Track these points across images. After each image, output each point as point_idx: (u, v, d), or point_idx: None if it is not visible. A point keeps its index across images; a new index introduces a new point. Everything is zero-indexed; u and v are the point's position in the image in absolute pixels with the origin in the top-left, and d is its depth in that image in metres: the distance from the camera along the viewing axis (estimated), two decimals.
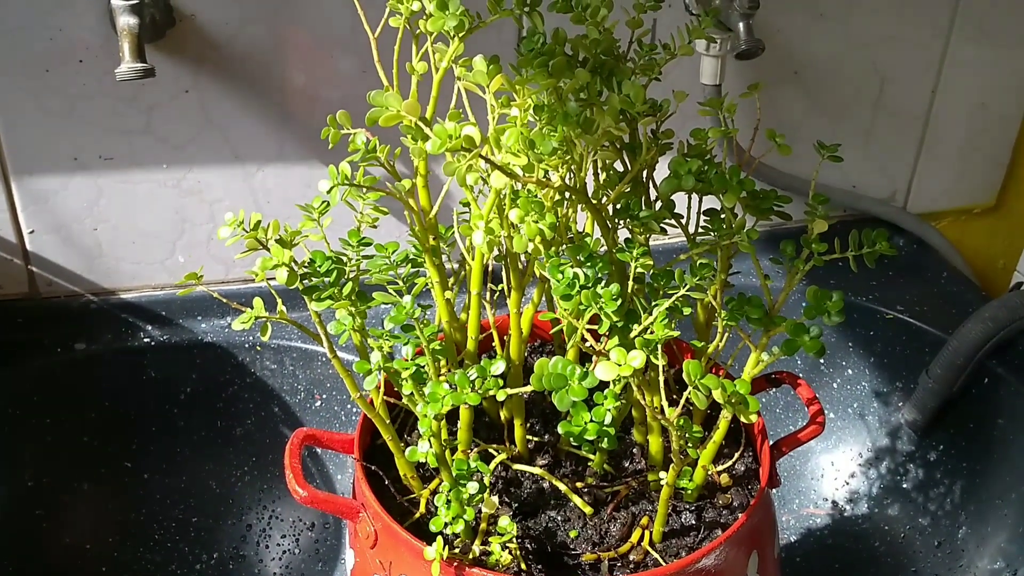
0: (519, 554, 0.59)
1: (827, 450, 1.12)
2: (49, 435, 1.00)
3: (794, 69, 1.07)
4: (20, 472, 0.99)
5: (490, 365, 0.52)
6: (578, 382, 0.47)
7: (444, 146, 0.48)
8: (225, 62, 0.93)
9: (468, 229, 0.56)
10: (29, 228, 0.98)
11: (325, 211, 0.59)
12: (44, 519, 0.99)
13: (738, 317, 0.58)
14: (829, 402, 1.13)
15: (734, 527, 0.59)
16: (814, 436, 0.67)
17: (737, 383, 0.53)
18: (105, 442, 1.03)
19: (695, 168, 0.57)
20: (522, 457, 0.68)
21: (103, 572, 1.00)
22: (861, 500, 1.09)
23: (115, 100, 0.93)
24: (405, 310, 0.53)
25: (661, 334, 0.53)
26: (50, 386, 1.01)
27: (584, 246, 0.57)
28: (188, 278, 0.59)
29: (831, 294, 0.54)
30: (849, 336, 1.12)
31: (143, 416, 1.04)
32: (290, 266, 0.54)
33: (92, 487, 1.02)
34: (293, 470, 0.62)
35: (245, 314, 0.56)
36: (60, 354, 1.01)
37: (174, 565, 1.02)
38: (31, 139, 0.94)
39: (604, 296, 0.52)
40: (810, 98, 1.09)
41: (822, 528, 1.09)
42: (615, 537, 0.62)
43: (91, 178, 0.97)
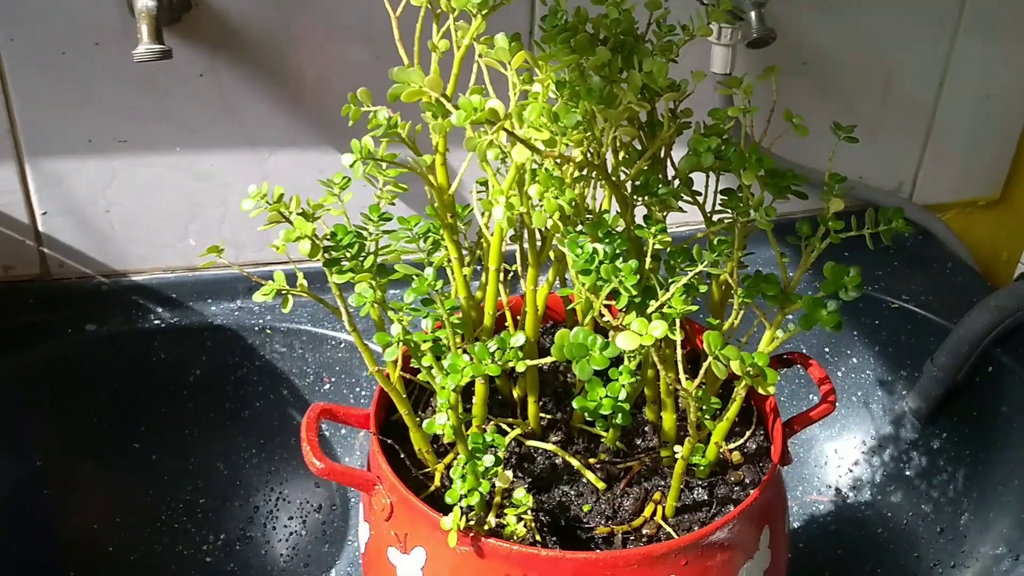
0: (534, 526, 0.59)
1: (831, 437, 1.13)
2: (58, 416, 1.01)
3: (803, 60, 1.08)
4: (29, 452, 0.99)
5: (510, 337, 0.53)
6: (600, 351, 0.48)
7: (469, 118, 0.49)
8: (240, 47, 0.94)
9: (488, 204, 0.56)
10: (42, 210, 0.99)
11: (346, 186, 0.60)
12: (53, 499, 1.00)
13: (754, 294, 0.59)
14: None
15: (747, 501, 0.60)
16: (825, 415, 0.68)
17: (756, 355, 0.54)
18: (114, 424, 1.03)
19: (714, 146, 0.58)
20: (535, 434, 0.68)
21: (110, 552, 1.00)
22: (865, 487, 1.10)
23: (131, 83, 0.94)
24: (427, 282, 0.54)
25: (680, 308, 0.54)
26: (60, 367, 1.01)
27: (603, 222, 0.58)
28: (210, 251, 0.59)
29: (848, 269, 0.55)
30: (854, 325, 1.13)
31: (152, 398, 1.04)
32: (313, 238, 0.55)
33: (101, 468, 1.02)
34: (310, 443, 0.63)
35: (267, 286, 0.57)
36: (70, 336, 1.02)
37: (181, 546, 1.03)
38: (46, 121, 0.94)
39: (624, 270, 0.53)
40: (819, 89, 1.10)
41: (826, 515, 1.09)
42: (628, 511, 0.63)
43: (105, 160, 0.98)
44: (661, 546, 0.57)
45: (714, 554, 0.59)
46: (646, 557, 0.57)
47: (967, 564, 1.01)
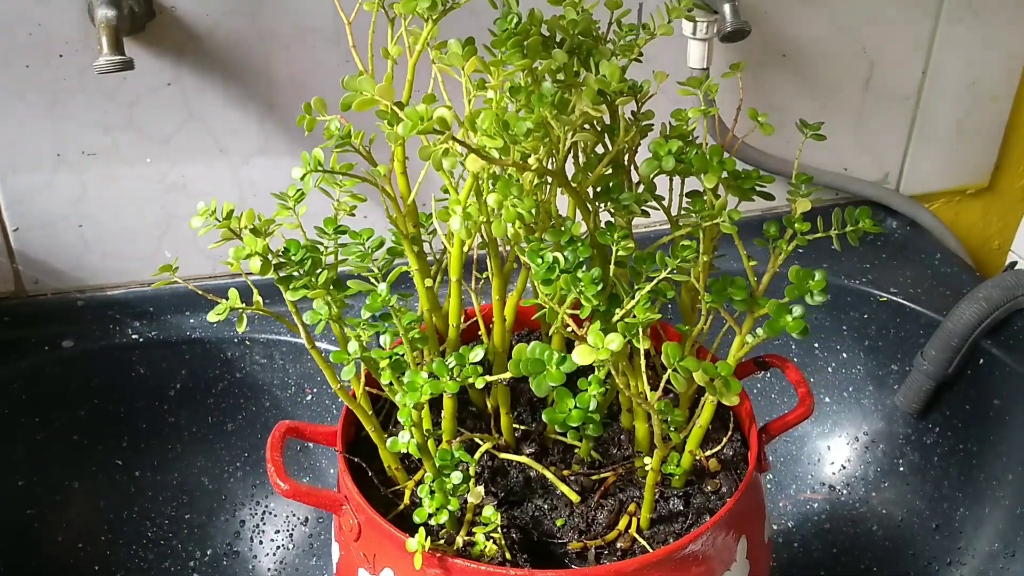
0: (504, 544, 0.58)
1: (823, 435, 1.11)
2: (39, 434, 1.00)
3: (782, 52, 1.06)
4: (11, 472, 0.98)
5: (469, 352, 0.52)
6: (556, 367, 0.46)
7: (415, 128, 0.47)
8: (207, 54, 0.92)
9: (446, 214, 0.55)
10: (13, 226, 0.98)
11: (301, 199, 0.58)
12: (36, 519, 0.99)
13: (722, 299, 0.57)
14: (824, 386, 1.12)
15: (720, 512, 0.58)
16: (803, 419, 0.66)
17: (719, 365, 0.52)
18: (96, 440, 1.02)
19: (675, 149, 0.56)
20: (509, 446, 0.67)
21: (96, 571, 0.99)
22: (858, 484, 1.08)
23: (96, 94, 0.93)
24: (380, 298, 0.52)
25: (643, 317, 0.53)
26: (39, 385, 1.00)
27: (565, 230, 0.56)
28: (162, 270, 0.58)
29: (813, 273, 0.53)
30: (843, 320, 1.11)
31: (133, 413, 1.03)
32: (264, 255, 0.53)
33: (84, 486, 1.01)
34: (275, 463, 0.61)
35: (220, 305, 0.56)
36: (48, 352, 1.00)
37: (168, 562, 1.02)
38: (13, 135, 0.93)
39: (584, 280, 0.52)
40: (799, 80, 1.08)
41: (819, 513, 1.08)
42: (602, 525, 0.62)
43: (75, 174, 0.96)
44: (633, 561, 0.56)
45: (689, 567, 0.57)
46: (618, 574, 0.55)
47: (963, 561, 0.99)
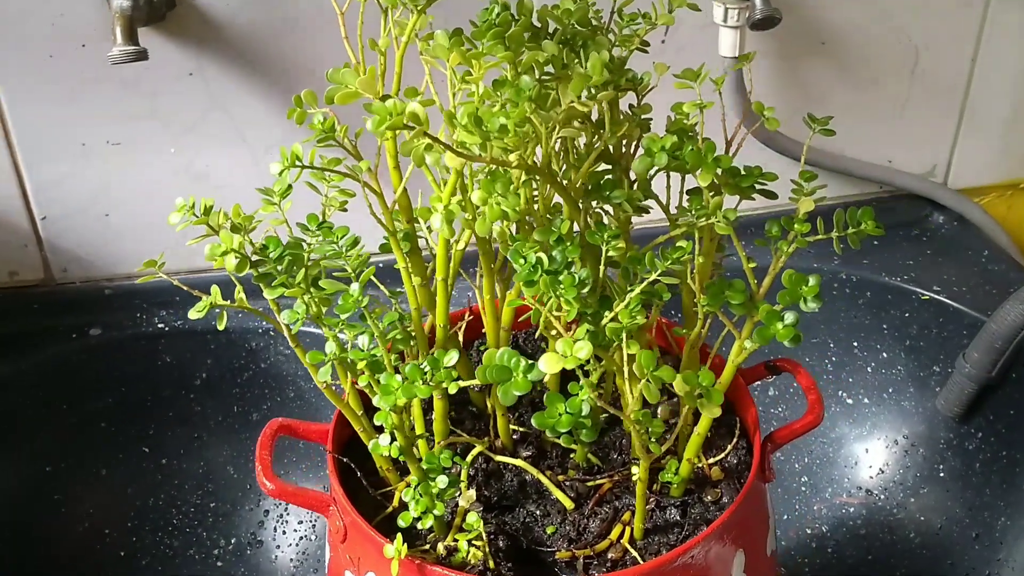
0: (488, 551, 0.56)
1: (861, 437, 1.07)
2: (67, 420, 1.01)
3: (821, 40, 1.02)
4: (39, 457, 1.00)
5: (443, 356, 0.50)
6: (523, 375, 0.44)
7: (384, 123, 0.45)
8: (228, 43, 0.92)
9: (427, 212, 0.53)
10: (41, 215, 0.99)
11: (287, 194, 0.57)
12: (63, 504, 1.00)
13: (717, 303, 0.55)
14: (863, 387, 1.08)
15: (713, 525, 0.56)
16: (811, 427, 0.63)
17: (701, 374, 0.49)
18: (122, 428, 1.03)
19: (669, 145, 0.53)
20: (506, 448, 0.65)
21: (121, 557, 1.00)
22: (896, 489, 1.04)
23: (119, 85, 0.93)
24: (352, 298, 0.51)
25: (626, 322, 0.50)
26: (66, 372, 1.01)
27: (554, 228, 0.54)
28: (147, 265, 0.57)
29: (807, 278, 0.50)
30: (883, 318, 1.07)
31: (159, 402, 1.04)
32: (241, 253, 0.52)
33: (110, 472, 1.02)
34: (262, 462, 0.61)
35: (201, 302, 0.55)
36: (75, 340, 1.02)
37: (192, 550, 1.02)
38: (39, 124, 0.94)
39: (564, 282, 0.49)
40: (839, 69, 1.04)
41: (855, 517, 1.04)
42: (593, 533, 0.60)
43: (100, 164, 0.97)
44: (621, 573, 0.54)
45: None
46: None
47: (1002, 572, 0.95)
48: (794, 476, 1.08)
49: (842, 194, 1.13)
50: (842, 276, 1.08)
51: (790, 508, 1.06)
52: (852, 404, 1.08)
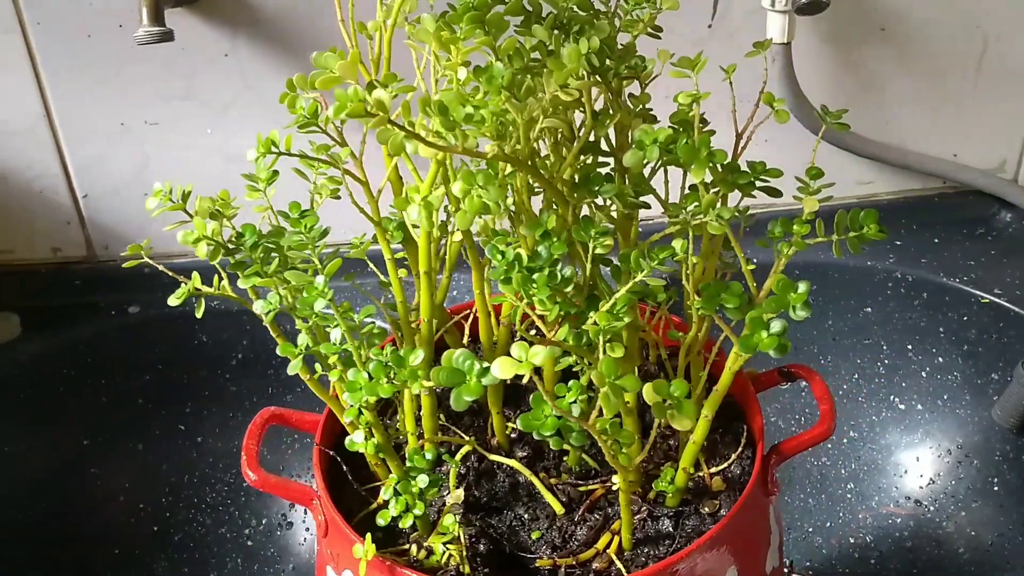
0: (464, 555, 0.54)
1: (912, 445, 1.02)
2: (104, 396, 1.03)
3: (880, 25, 0.97)
4: (77, 431, 1.01)
5: (409, 354, 0.48)
6: (476, 379, 0.42)
7: (343, 110, 0.44)
8: (261, 25, 0.91)
9: (403, 203, 0.51)
10: (83, 193, 1.00)
11: (272, 180, 0.56)
12: (100, 477, 1.02)
13: (712, 306, 0.52)
14: (916, 392, 1.03)
15: (698, 541, 0.53)
16: (821, 439, 0.60)
17: (674, 383, 0.46)
18: (159, 405, 1.04)
19: (664, 138, 0.50)
20: (501, 447, 0.63)
21: (155, 532, 1.02)
22: (947, 501, 0.99)
23: (156, 65, 0.93)
24: (317, 291, 0.49)
25: (604, 324, 0.48)
26: (105, 348, 1.03)
27: (541, 222, 0.52)
28: (132, 250, 0.57)
29: (796, 285, 0.47)
30: (940, 321, 1.02)
31: (196, 380, 1.05)
32: (215, 240, 0.51)
33: (147, 448, 1.03)
34: (247, 452, 0.60)
35: (180, 289, 0.54)
36: (115, 317, 1.03)
37: (224, 528, 1.03)
38: (79, 103, 0.95)
39: (538, 281, 0.47)
40: (900, 57, 0.98)
41: (902, 529, 0.99)
42: (579, 541, 0.57)
43: (138, 143, 0.97)
44: None
45: None
46: None
47: None
48: (840, 483, 1.04)
49: (903, 189, 1.07)
50: (897, 275, 1.03)
51: (834, 516, 1.02)
52: (904, 410, 1.03)
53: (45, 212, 1.01)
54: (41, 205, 1.00)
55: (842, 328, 1.06)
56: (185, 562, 1.00)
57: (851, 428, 1.05)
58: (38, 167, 0.98)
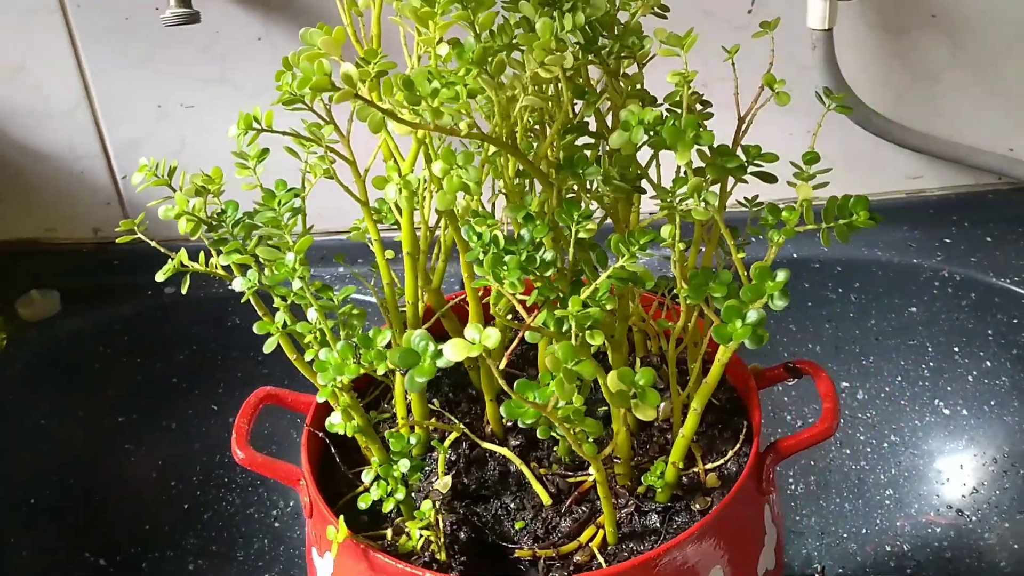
0: (441, 542, 0.53)
1: (956, 451, 0.98)
2: (139, 374, 1.04)
3: (931, 12, 0.92)
4: (111, 408, 1.03)
5: (378, 335, 0.47)
6: (430, 360, 0.41)
7: (307, 84, 0.43)
8: (294, 8, 0.92)
9: (382, 182, 0.50)
10: (122, 174, 1.02)
11: (263, 158, 0.56)
12: (133, 454, 1.03)
13: (700, 295, 0.49)
14: (962, 397, 0.98)
15: (681, 536, 0.51)
16: (822, 438, 0.57)
17: (640, 372, 0.45)
18: (192, 385, 1.05)
19: (651, 119, 0.48)
20: (495, 436, 0.62)
21: (185, 510, 1.03)
22: (990, 511, 0.94)
23: (191, 48, 0.94)
24: (286, 268, 0.49)
25: (575, 309, 0.46)
26: (141, 328, 1.04)
27: (524, 204, 0.51)
28: (125, 226, 0.57)
29: (774, 273, 0.44)
30: (989, 323, 0.97)
31: (229, 362, 1.06)
32: (196, 216, 0.51)
33: (180, 427, 1.05)
34: (238, 431, 0.60)
35: (167, 265, 0.54)
36: (151, 297, 1.04)
37: (253, 509, 1.04)
38: (117, 85, 0.96)
39: (510, 263, 0.46)
40: (952, 46, 0.94)
41: (941, 538, 0.95)
42: (562, 533, 0.56)
43: (174, 126, 0.98)
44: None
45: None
46: None
47: None
48: (879, 488, 1.00)
49: (954, 184, 1.03)
50: (944, 274, 0.99)
51: (871, 522, 0.98)
52: (948, 415, 0.99)
53: (86, 192, 1.03)
54: (82, 186, 1.02)
55: (885, 328, 1.02)
56: (213, 540, 1.01)
57: (892, 432, 1.01)
58: (79, 148, 1.00)
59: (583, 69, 0.54)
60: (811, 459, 1.02)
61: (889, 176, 1.02)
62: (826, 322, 1.03)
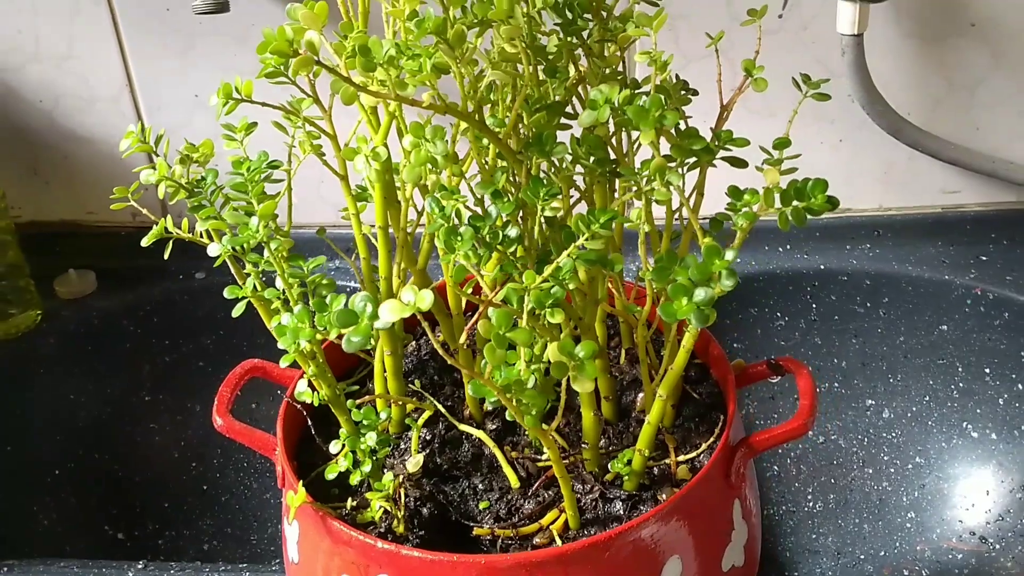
0: (401, 515, 0.54)
1: (983, 477, 0.95)
2: (167, 355, 1.07)
3: (971, 21, 0.90)
4: (139, 387, 1.06)
5: (336, 300, 0.48)
6: (368, 320, 0.41)
7: (268, 47, 0.44)
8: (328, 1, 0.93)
9: (351, 153, 0.51)
10: None
11: (251, 131, 0.57)
12: (158, 432, 1.06)
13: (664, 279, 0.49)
14: (992, 420, 0.95)
15: (632, 522, 0.50)
16: (796, 435, 0.56)
17: (581, 344, 0.44)
18: (218, 368, 1.07)
19: (621, 98, 0.48)
20: (473, 418, 0.62)
21: (204, 490, 1.05)
22: (1015, 540, 0.91)
23: (229, 39, 0.97)
24: (247, 232, 0.50)
25: (530, 283, 0.46)
26: (171, 310, 1.07)
27: (493, 182, 0.51)
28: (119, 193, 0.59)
29: (722, 251, 0.43)
30: (1022, 345, 0.94)
31: (254, 348, 1.07)
32: (175, 182, 0.52)
33: (204, 409, 1.07)
34: (220, 397, 0.61)
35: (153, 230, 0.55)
36: (181, 282, 1.07)
37: (269, 494, 1.05)
38: (156, 73, 0.99)
39: (464, 235, 0.46)
40: (992, 56, 0.92)
41: (962, 566, 0.92)
42: (525, 515, 0.55)
43: (211, 115, 1.00)
44: (505, 557, 0.49)
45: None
46: (487, 568, 0.49)
47: None
48: (900, 511, 0.97)
49: (992, 200, 1.00)
50: (976, 292, 0.96)
51: (889, 545, 0.96)
52: (977, 438, 0.96)
53: (126, 178, 1.06)
54: (123, 171, 1.05)
55: (915, 346, 0.99)
56: (228, 523, 1.03)
57: (917, 454, 0.98)
58: (120, 135, 1.03)
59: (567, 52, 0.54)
60: (832, 477, 1.00)
61: (925, 189, 0.99)
62: (853, 337, 1.00)
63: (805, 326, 1.01)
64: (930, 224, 1.00)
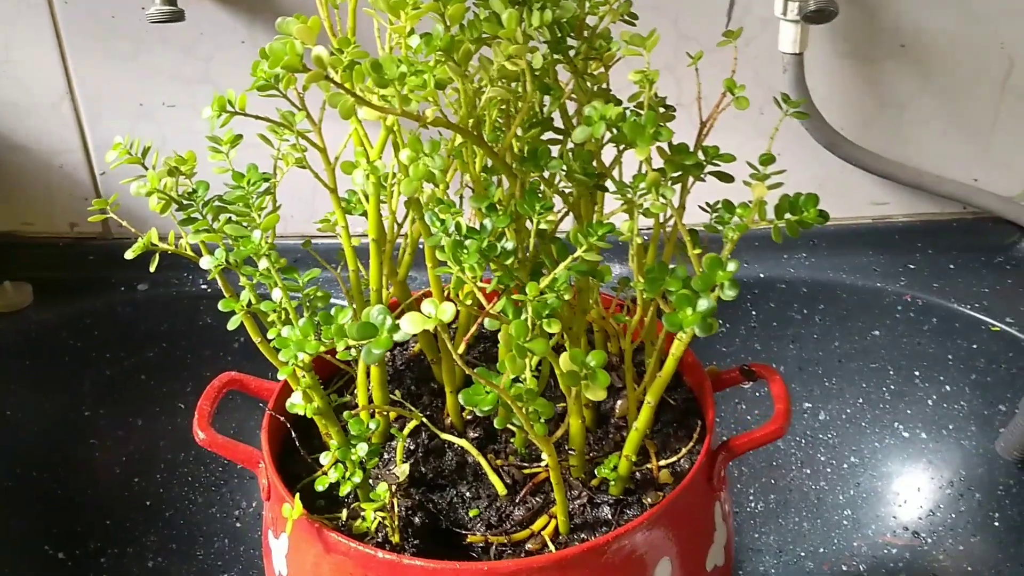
0: (395, 525, 0.54)
1: (913, 474, 0.99)
2: (108, 369, 1.05)
3: (900, 41, 0.95)
4: (78, 402, 1.03)
5: (340, 313, 0.48)
6: (388, 333, 0.42)
7: (279, 63, 0.44)
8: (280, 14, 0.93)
9: (350, 167, 0.51)
10: (100, 170, 1.02)
11: (237, 143, 0.57)
12: (98, 449, 1.03)
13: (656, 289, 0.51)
14: (921, 420, 1.00)
15: (630, 525, 0.52)
16: (772, 439, 0.58)
17: (592, 354, 0.46)
18: (161, 382, 1.06)
19: (614, 115, 0.50)
20: (455, 427, 0.63)
21: (147, 506, 1.03)
22: (945, 534, 0.96)
23: (175, 48, 0.95)
24: (252, 245, 0.50)
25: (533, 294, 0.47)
26: (112, 323, 1.05)
27: (488, 195, 0.52)
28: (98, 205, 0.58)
29: (725, 263, 0.46)
30: (949, 348, 0.99)
31: (199, 361, 1.06)
32: (167, 194, 0.52)
33: (146, 424, 1.05)
34: (200, 411, 0.61)
35: (138, 243, 0.55)
36: (123, 293, 1.05)
37: (215, 508, 1.04)
38: (100, 82, 0.97)
39: (470, 248, 0.47)
40: (921, 76, 0.97)
41: (897, 559, 0.96)
42: (515, 521, 0.56)
43: (155, 124, 1.00)
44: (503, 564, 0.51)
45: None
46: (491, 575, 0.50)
47: None
48: (837, 508, 1.01)
49: (919, 212, 1.05)
50: (907, 299, 1.01)
51: (828, 541, 0.99)
52: (908, 438, 1.01)
53: (65, 187, 1.04)
54: (61, 180, 1.03)
55: (848, 350, 1.03)
56: (173, 538, 1.01)
57: (852, 454, 1.02)
58: (60, 143, 1.01)
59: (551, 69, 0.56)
60: (772, 478, 1.03)
61: (856, 201, 1.04)
62: (791, 342, 1.04)
63: (745, 332, 1.05)
64: (862, 234, 1.05)
